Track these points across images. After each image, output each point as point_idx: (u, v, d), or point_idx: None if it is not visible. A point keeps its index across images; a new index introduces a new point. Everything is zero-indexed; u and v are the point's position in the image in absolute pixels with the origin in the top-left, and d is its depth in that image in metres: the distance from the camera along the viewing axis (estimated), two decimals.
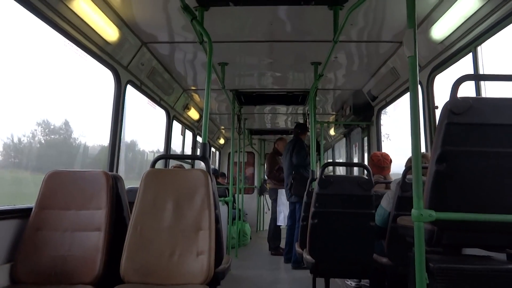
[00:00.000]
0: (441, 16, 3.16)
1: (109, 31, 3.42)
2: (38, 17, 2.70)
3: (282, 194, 6.79)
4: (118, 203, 2.76)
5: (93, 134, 5.01)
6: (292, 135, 9.65)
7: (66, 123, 4.54)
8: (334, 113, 7.64)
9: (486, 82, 3.00)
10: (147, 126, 6.73)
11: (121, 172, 3.98)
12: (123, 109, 3.95)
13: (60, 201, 2.65)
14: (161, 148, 5.84)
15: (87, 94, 4.70)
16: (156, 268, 2.37)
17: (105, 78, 3.82)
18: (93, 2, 3.01)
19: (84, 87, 4.56)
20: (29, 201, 2.71)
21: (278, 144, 7.22)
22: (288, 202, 6.27)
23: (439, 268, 1.76)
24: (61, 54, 3.60)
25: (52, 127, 4.34)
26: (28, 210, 2.62)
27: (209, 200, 2.50)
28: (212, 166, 4.45)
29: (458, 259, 1.95)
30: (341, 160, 8.99)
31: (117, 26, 3.48)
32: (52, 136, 4.36)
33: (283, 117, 8.30)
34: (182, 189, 2.54)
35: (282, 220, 6.76)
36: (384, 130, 5.89)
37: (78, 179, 2.72)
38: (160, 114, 5.60)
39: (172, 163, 5.59)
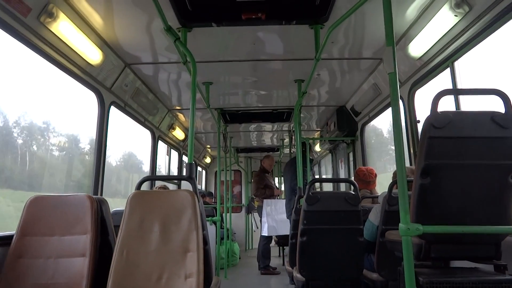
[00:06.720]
0: (418, 33, 3.26)
1: (92, 53, 3.41)
2: (19, 40, 2.67)
3: (267, 205, 6.78)
4: (103, 227, 2.70)
5: (78, 156, 4.93)
6: (277, 152, 9.61)
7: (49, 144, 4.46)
8: (319, 129, 7.70)
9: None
10: (135, 145, 6.67)
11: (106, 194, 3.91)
12: (106, 130, 3.91)
13: (42, 227, 2.57)
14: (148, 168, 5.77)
15: (71, 115, 4.64)
16: None
17: (88, 99, 3.80)
18: (75, 24, 3.00)
19: (67, 108, 4.51)
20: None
21: (264, 162, 7.19)
22: (272, 212, 6.29)
23: (429, 282, 1.76)
24: (42, 74, 3.57)
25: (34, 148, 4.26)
26: (9, 237, 2.53)
27: (197, 221, 2.46)
28: (198, 187, 4.39)
29: (447, 272, 1.96)
30: (327, 176, 9.02)
31: (99, 48, 3.47)
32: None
33: (268, 134, 8.34)
34: (168, 211, 2.50)
35: (266, 230, 6.70)
36: None
37: (61, 204, 2.65)
38: (146, 133, 5.57)
39: (158, 184, 5.51)
